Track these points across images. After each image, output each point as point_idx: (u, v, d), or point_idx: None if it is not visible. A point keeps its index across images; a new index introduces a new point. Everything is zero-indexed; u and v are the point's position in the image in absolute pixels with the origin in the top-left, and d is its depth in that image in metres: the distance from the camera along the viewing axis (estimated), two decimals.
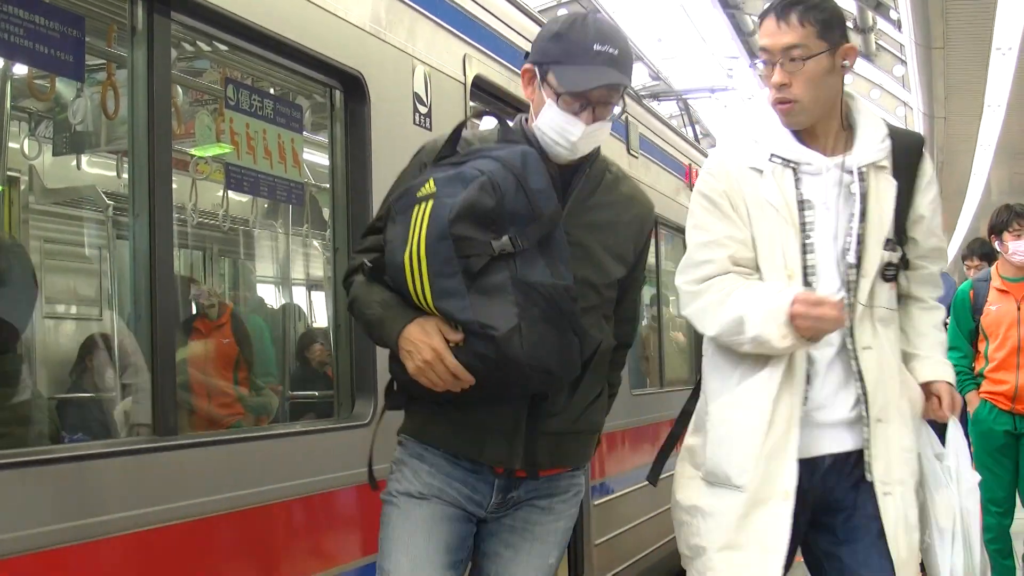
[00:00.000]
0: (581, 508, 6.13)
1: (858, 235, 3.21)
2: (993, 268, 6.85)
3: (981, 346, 6.63)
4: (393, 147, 4.30)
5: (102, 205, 6.25)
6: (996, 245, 6.71)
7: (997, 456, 6.48)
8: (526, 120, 3.15)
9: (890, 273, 3.28)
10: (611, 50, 2.94)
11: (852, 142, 3.31)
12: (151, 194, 3.18)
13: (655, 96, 15.33)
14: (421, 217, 2.77)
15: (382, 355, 4.08)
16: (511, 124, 3.13)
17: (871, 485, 3.22)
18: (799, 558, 3.41)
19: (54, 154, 5.74)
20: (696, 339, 9.58)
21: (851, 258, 3.21)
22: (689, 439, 3.49)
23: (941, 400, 3.34)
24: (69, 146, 5.59)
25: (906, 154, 3.32)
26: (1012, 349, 6.41)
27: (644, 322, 8.76)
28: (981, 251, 8.20)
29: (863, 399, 3.21)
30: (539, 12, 6.76)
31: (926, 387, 3.37)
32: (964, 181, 18.36)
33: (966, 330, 6.67)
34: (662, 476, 3.70)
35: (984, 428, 6.54)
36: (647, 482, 3.71)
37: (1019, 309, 6.48)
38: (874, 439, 3.20)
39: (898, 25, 15.09)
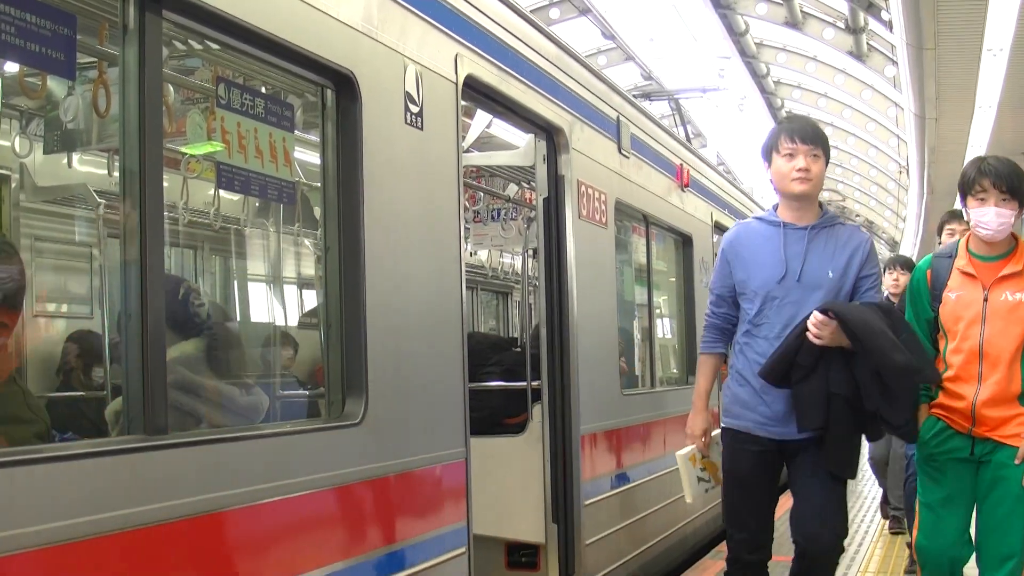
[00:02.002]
0: (572, 509, 6.18)
1: None
2: (962, 242, 4.90)
3: (941, 344, 4.82)
4: (384, 146, 4.30)
5: (93, 203, 6.24)
6: (964, 212, 4.98)
7: (946, 490, 4.76)
8: None
9: None
10: None
11: None
12: (142, 192, 3.18)
13: (647, 96, 15.36)
14: None
15: (373, 354, 4.09)
16: None
17: None
18: None
19: (45, 152, 5.72)
20: (688, 339, 9.61)
21: None
22: None
23: None
24: (60, 144, 5.57)
25: None
26: (972, 354, 4.64)
27: (635, 322, 8.77)
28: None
29: None
30: (531, 12, 6.76)
31: None
32: (955, 182, 18.39)
33: (923, 320, 4.84)
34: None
35: (928, 453, 4.82)
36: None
37: (986, 300, 4.65)
38: None
39: (889, 26, 15.11)
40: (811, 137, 4.79)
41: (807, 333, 4.57)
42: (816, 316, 4.56)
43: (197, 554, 3.26)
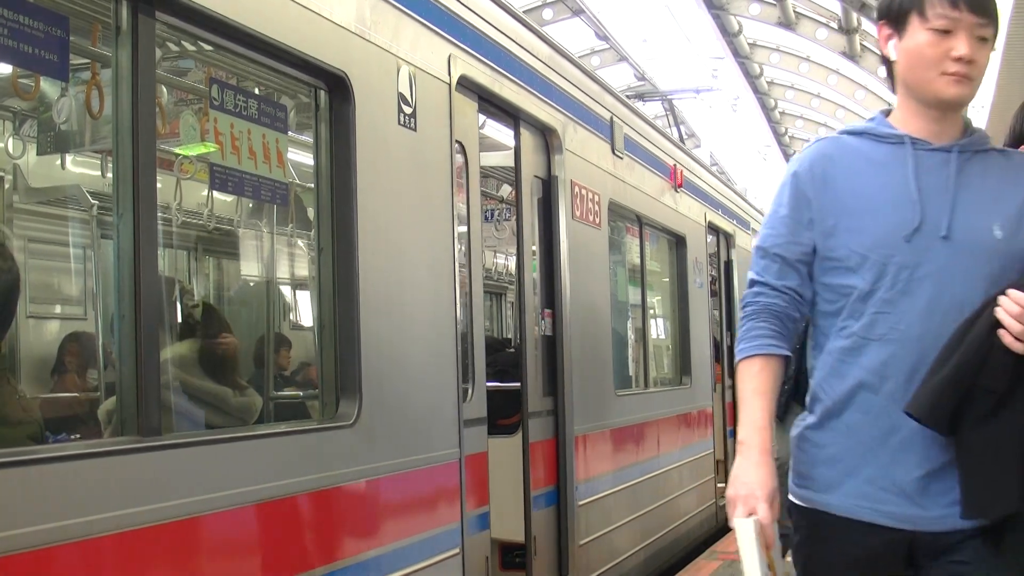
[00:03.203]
0: (566, 510, 6.17)
1: None
2: None
3: None
4: (378, 147, 4.30)
5: (86, 204, 6.25)
6: None
7: None
8: None
9: None
10: None
11: None
12: (135, 193, 3.18)
13: (640, 97, 15.38)
14: None
15: (367, 355, 4.09)
16: None
17: None
18: None
19: (38, 153, 5.74)
20: (681, 340, 9.62)
21: None
22: None
23: None
24: (53, 145, 5.58)
25: None
26: None
27: (629, 323, 8.78)
28: None
29: None
30: (524, 12, 6.77)
31: None
32: None
33: None
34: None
35: None
36: None
37: None
38: None
39: None
40: (983, 5, 2.59)
41: (999, 331, 2.48)
42: (1019, 298, 2.47)
43: (191, 556, 3.25)
